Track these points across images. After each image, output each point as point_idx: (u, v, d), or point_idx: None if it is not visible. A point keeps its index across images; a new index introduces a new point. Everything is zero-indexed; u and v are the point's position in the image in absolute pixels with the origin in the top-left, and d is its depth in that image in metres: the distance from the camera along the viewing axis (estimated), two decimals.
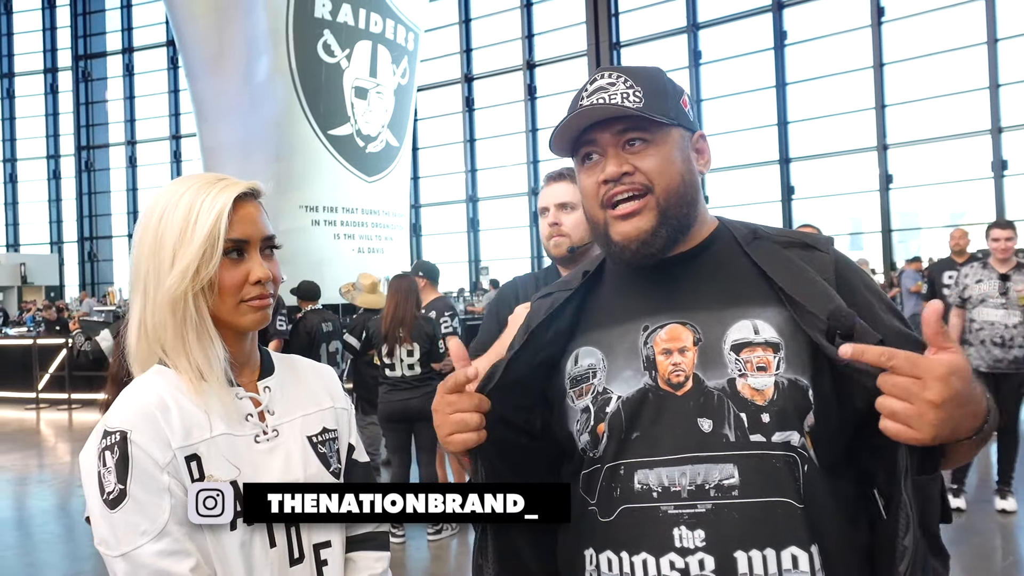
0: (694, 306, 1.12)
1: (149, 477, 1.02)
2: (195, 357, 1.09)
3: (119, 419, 1.05)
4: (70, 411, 10.47)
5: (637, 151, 1.11)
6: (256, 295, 1.13)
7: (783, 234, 1.17)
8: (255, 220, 1.15)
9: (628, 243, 1.12)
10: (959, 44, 15.67)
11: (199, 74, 13.10)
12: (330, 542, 1.18)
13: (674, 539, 1.03)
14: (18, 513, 5.83)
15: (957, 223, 14.98)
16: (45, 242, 28.04)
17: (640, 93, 1.11)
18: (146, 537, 1.00)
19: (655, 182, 1.11)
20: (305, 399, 1.24)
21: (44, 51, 27.60)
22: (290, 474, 1.14)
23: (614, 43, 19.93)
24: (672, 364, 1.10)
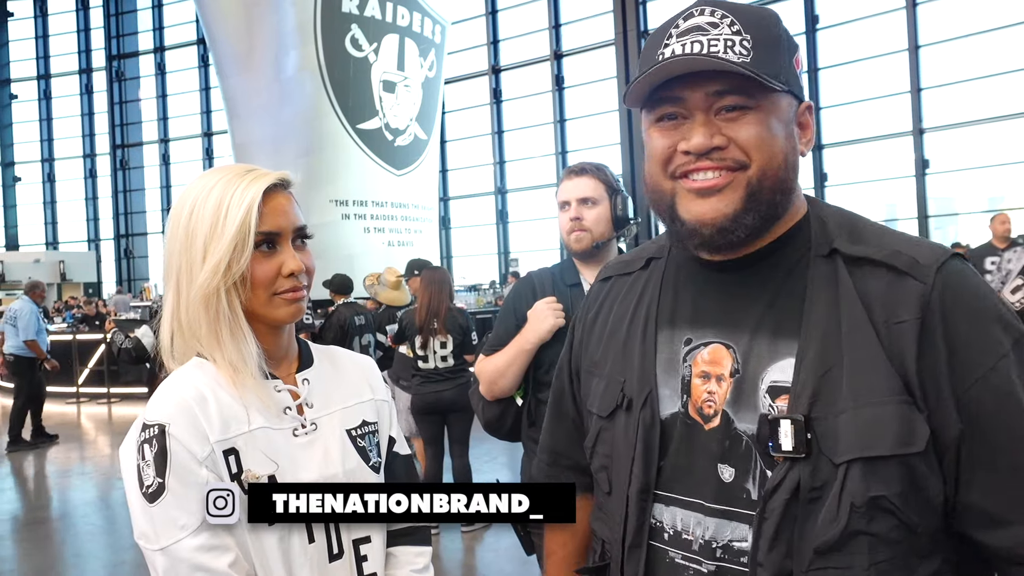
0: (742, 326, 0.92)
1: (187, 471, 1.01)
2: (229, 352, 1.09)
3: (158, 413, 1.05)
4: (109, 404, 10.67)
5: (734, 118, 0.88)
6: (289, 287, 1.11)
7: (872, 247, 0.88)
8: (286, 211, 1.14)
9: (702, 226, 0.90)
10: (996, 24, 15.28)
11: (229, 71, 13.24)
12: (369, 537, 1.16)
13: None
14: (61, 505, 5.96)
15: (996, 208, 14.65)
16: (83, 240, 28.62)
17: (748, 43, 0.86)
18: (185, 531, 1.00)
19: (752, 158, 0.88)
20: (345, 391, 1.22)
21: (79, 52, 28.10)
22: (328, 468, 1.12)
23: (642, 32, 19.74)
24: (707, 392, 0.93)
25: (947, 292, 0.83)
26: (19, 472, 7.02)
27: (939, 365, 0.81)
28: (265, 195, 1.12)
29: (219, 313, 1.08)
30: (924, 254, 0.86)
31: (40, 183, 29.00)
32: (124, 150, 27.19)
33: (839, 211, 0.98)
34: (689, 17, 0.90)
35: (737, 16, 0.88)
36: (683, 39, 0.88)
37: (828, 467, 0.82)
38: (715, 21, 0.88)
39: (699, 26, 0.88)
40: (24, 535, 5.13)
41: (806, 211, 0.97)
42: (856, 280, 0.86)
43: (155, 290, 19.00)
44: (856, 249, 0.88)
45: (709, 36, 0.87)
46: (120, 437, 5.00)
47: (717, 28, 0.87)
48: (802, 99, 0.95)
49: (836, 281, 0.87)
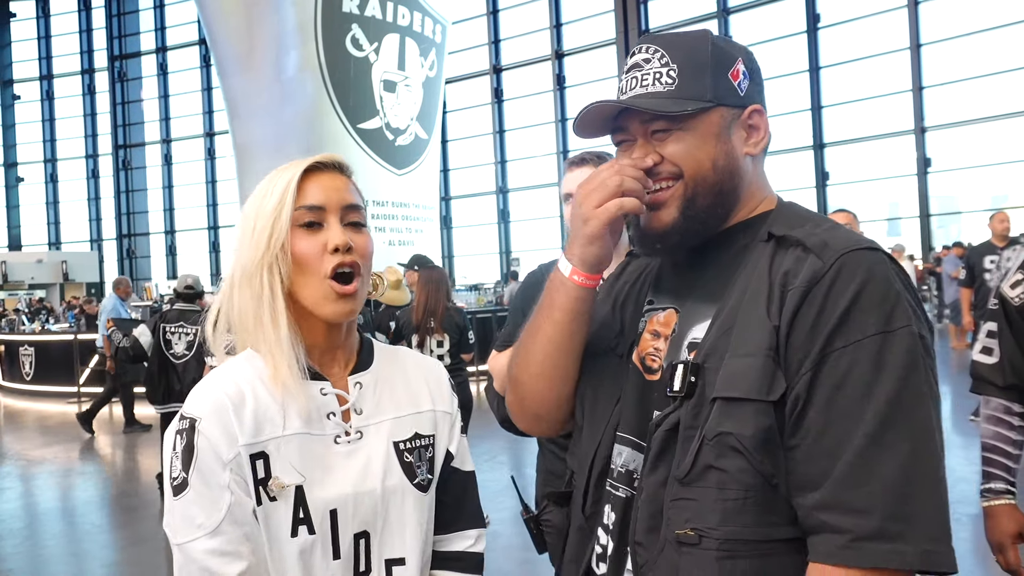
0: (688, 294, 1.06)
1: (210, 471, 0.98)
2: (269, 338, 1.03)
3: (193, 406, 1.02)
4: (110, 404, 10.69)
5: (663, 139, 1.02)
6: (337, 264, 1.03)
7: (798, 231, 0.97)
8: (336, 188, 1.08)
9: (649, 232, 1.05)
10: (998, 23, 15.25)
11: (230, 71, 13.26)
12: (404, 560, 1.07)
13: (603, 515, 1.06)
14: (62, 504, 5.97)
15: (999, 207, 14.62)
16: (85, 240, 28.68)
17: (674, 72, 1.01)
18: (201, 531, 0.98)
19: (683, 167, 1.01)
20: (401, 399, 1.14)
21: (81, 52, 28.17)
22: (366, 482, 1.05)
23: (643, 30, 19.73)
24: (654, 347, 1.06)
25: (840, 273, 0.89)
26: (19, 472, 7.04)
27: (803, 331, 0.88)
28: (313, 172, 1.08)
29: (261, 293, 1.03)
30: (839, 241, 0.92)
31: (43, 183, 29.08)
32: (126, 150, 27.24)
33: (803, 210, 1.07)
34: (633, 55, 1.06)
35: (667, 49, 1.03)
36: (626, 76, 1.05)
37: (705, 409, 0.92)
38: (648, 57, 1.03)
39: (636, 64, 1.05)
40: (24, 534, 5.14)
41: (771, 207, 1.07)
42: (775, 257, 0.96)
43: (156, 290, 19.01)
44: (785, 231, 0.97)
45: (642, 72, 1.03)
46: (120, 436, 5.01)
47: (649, 63, 1.03)
48: (745, 105, 1.04)
49: (764, 260, 0.97)
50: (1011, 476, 1.77)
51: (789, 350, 0.89)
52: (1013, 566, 1.71)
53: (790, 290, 0.91)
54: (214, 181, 25.95)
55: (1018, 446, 1.78)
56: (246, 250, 1.05)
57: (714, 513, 0.89)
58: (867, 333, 0.86)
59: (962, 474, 5.24)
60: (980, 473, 1.82)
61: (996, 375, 1.78)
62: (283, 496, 1.00)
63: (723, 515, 0.88)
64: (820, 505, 0.85)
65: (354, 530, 1.04)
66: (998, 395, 1.78)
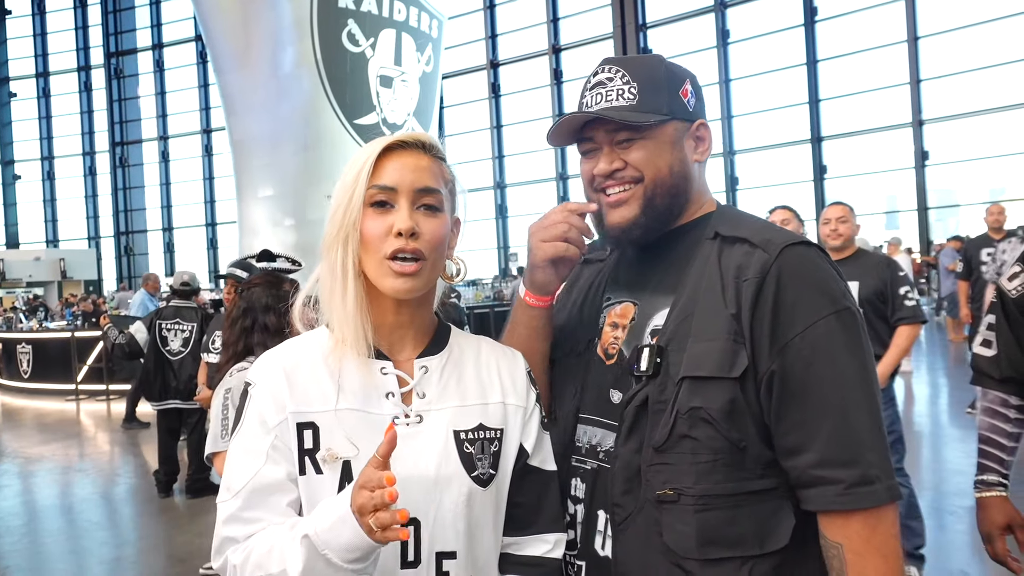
0: (644, 287, 1.21)
1: (252, 435, 1.02)
2: (339, 313, 1.04)
3: (255, 371, 1.08)
4: (108, 401, 10.69)
5: (626, 147, 1.17)
6: (397, 248, 1.02)
7: (741, 231, 1.13)
8: (412, 168, 1.06)
9: (613, 229, 1.20)
10: (996, 15, 15.23)
11: (226, 68, 13.21)
12: (455, 553, 1.03)
13: (571, 487, 1.20)
14: (61, 501, 5.97)
15: (996, 199, 14.62)
16: (83, 237, 28.65)
17: (635, 89, 1.16)
18: (228, 494, 1.02)
19: (644, 172, 1.16)
20: (469, 388, 1.11)
21: (77, 49, 28.09)
22: (419, 467, 1.02)
23: (640, 25, 19.69)
24: (613, 337, 1.21)
25: (784, 265, 1.06)
26: (18, 469, 7.04)
27: (766, 318, 1.05)
28: (394, 150, 1.06)
29: (334, 268, 1.05)
30: (778, 237, 1.10)
31: (40, 181, 29.03)
32: (123, 147, 27.19)
33: (739, 212, 1.24)
34: (596, 75, 1.20)
35: (627, 69, 1.17)
36: (590, 93, 1.19)
37: (671, 386, 1.07)
38: (611, 76, 1.18)
39: (601, 81, 1.19)
40: (22, 531, 5.14)
41: (712, 209, 1.23)
42: (723, 253, 1.13)
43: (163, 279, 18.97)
44: (731, 232, 1.14)
45: (607, 88, 1.17)
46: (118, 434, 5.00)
47: (612, 81, 1.17)
48: (692, 119, 1.20)
49: (712, 255, 1.13)
50: (1004, 468, 1.78)
51: (755, 335, 1.05)
52: (1000, 556, 1.73)
53: (744, 281, 1.07)
54: (211, 178, 25.92)
55: (1013, 438, 1.78)
56: (328, 224, 1.07)
57: (689, 475, 1.05)
58: (821, 315, 1.04)
59: (958, 467, 5.25)
60: (976, 465, 1.83)
61: (993, 368, 1.79)
62: (330, 469, 1.00)
63: (697, 476, 1.04)
64: (814, 464, 1.02)
65: None
66: (995, 388, 1.79)
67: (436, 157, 1.09)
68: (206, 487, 5.84)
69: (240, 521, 1.01)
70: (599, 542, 1.14)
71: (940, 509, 4.44)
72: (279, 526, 0.99)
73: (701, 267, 1.14)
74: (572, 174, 20.93)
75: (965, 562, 3.80)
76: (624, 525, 1.10)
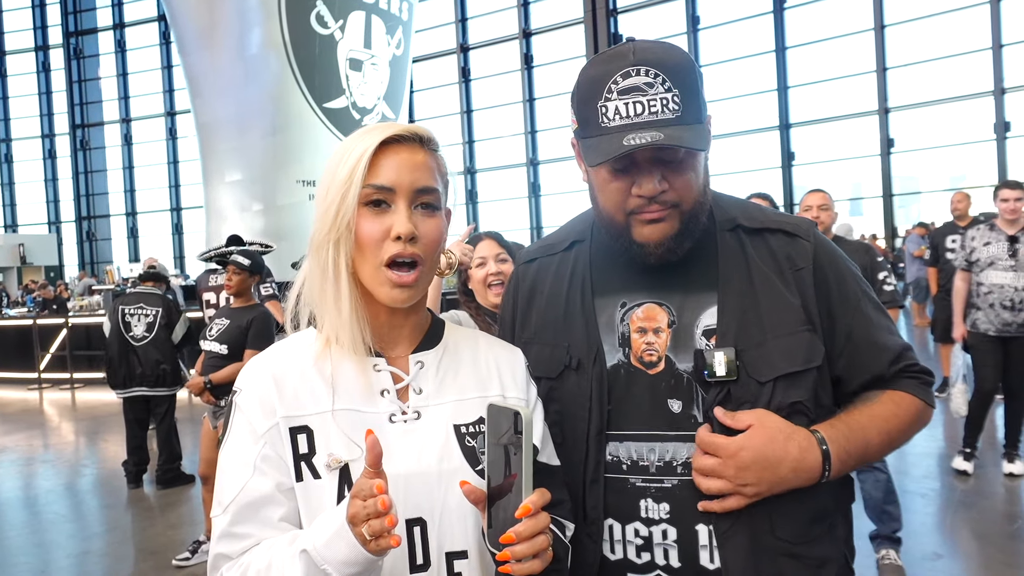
0: (672, 287, 1.16)
1: (241, 445, 0.98)
2: (332, 315, 1.00)
3: (242, 377, 1.02)
4: (72, 390, 10.47)
5: (673, 167, 1.09)
6: (396, 254, 0.97)
7: (766, 220, 1.18)
8: (410, 165, 0.99)
9: (654, 248, 1.12)
10: (961, 4, 15.45)
11: (191, 48, 12.91)
12: (466, 552, 0.99)
13: (640, 510, 1.12)
14: (24, 493, 5.84)
15: (957, 187, 14.89)
16: (43, 222, 27.95)
17: (679, 98, 1.05)
18: (219, 508, 0.97)
19: (683, 200, 1.11)
20: (467, 382, 1.07)
21: (34, 28, 27.26)
22: (420, 463, 0.98)
23: (611, 10, 19.65)
24: (646, 343, 1.15)
25: (820, 249, 1.17)
26: None
27: (832, 295, 1.15)
28: (389, 145, 1.00)
29: (325, 268, 0.99)
30: (801, 223, 1.19)
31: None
32: (84, 130, 26.52)
33: (730, 198, 1.25)
34: (627, 76, 1.05)
35: (666, 73, 1.05)
36: (624, 99, 1.05)
37: (754, 386, 1.08)
38: (650, 81, 1.04)
39: (638, 87, 1.04)
40: None
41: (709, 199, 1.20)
42: (757, 245, 1.16)
43: (117, 273, 18.61)
44: (755, 223, 1.17)
45: (648, 96, 1.04)
46: (83, 423, 4.87)
47: (653, 88, 1.04)
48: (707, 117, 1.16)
49: (742, 247, 1.16)
50: None
51: (822, 316, 1.13)
52: None
53: (799, 270, 1.14)
54: (176, 161, 25.42)
55: None
56: (317, 221, 1.01)
57: None
58: (861, 284, 1.20)
59: (926, 449, 5.35)
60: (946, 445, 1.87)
61: None
62: (329, 474, 0.95)
63: None
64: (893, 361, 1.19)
65: (406, 515, 0.96)
66: None
67: (433, 151, 1.04)
68: (176, 477, 5.75)
69: (231, 537, 0.96)
70: (705, 557, 1.10)
71: (910, 492, 4.52)
72: (278, 540, 0.94)
73: (734, 260, 1.15)
74: (543, 159, 20.89)
75: (938, 543, 3.88)
76: (730, 532, 1.08)
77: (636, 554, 1.13)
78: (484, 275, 2.45)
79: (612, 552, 1.14)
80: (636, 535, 1.12)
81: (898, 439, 1.16)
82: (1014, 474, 4.71)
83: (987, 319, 4.67)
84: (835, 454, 1.07)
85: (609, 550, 1.14)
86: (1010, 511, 4.29)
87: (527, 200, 21.22)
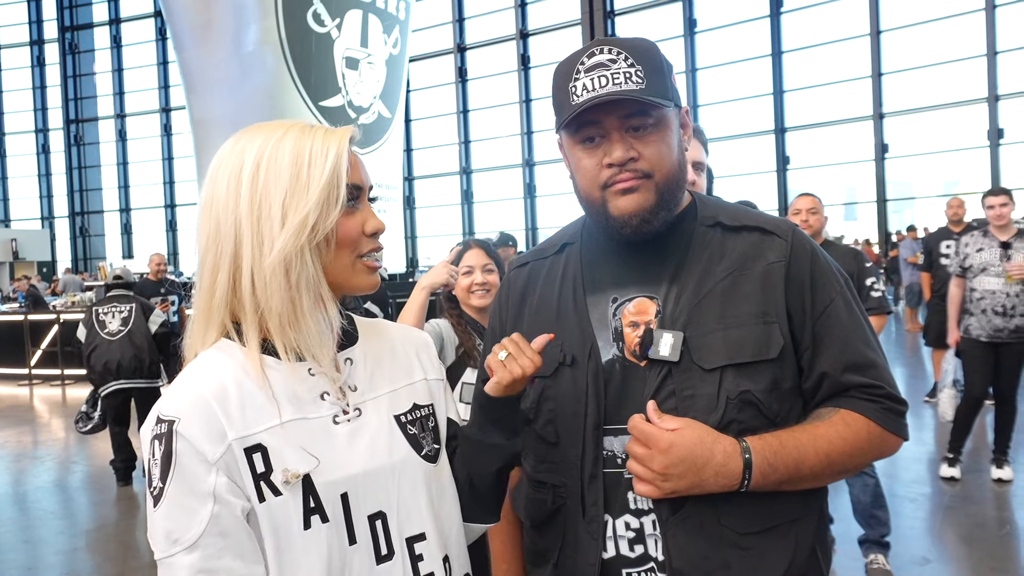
0: (660, 280, 1.18)
1: (192, 477, 0.89)
2: (308, 325, 0.96)
3: (170, 406, 0.92)
4: (63, 387, 10.43)
5: (641, 135, 1.11)
6: (371, 248, 1.01)
7: (746, 219, 1.19)
8: (364, 166, 1.04)
9: (628, 219, 1.13)
10: (957, 11, 15.52)
11: (187, 44, 12.86)
12: (424, 535, 1.02)
13: (629, 501, 1.14)
14: (14, 489, 5.81)
15: (951, 192, 14.94)
16: (36, 217, 27.84)
17: (642, 73, 1.09)
18: (178, 547, 0.89)
19: (656, 169, 1.12)
20: (394, 371, 1.09)
21: (29, 23, 27.17)
22: (374, 459, 0.99)
23: (608, 12, 19.68)
24: (637, 337, 1.16)
25: (798, 247, 1.16)
26: None
27: (804, 292, 1.14)
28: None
29: (301, 278, 0.95)
30: (781, 223, 1.19)
31: None
32: (78, 125, 26.44)
33: (717, 199, 1.27)
34: (592, 55, 1.11)
35: (629, 51, 1.10)
36: (591, 75, 1.10)
37: (698, 372, 1.09)
38: (613, 58, 1.10)
39: (602, 63, 1.10)
40: None
41: (691, 199, 1.24)
42: (733, 241, 1.17)
43: (110, 269, 18.53)
44: (735, 222, 1.18)
45: (611, 71, 1.09)
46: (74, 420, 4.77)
47: (616, 63, 1.09)
48: (680, 106, 1.19)
49: (717, 241, 1.17)
50: None
51: (792, 309, 1.13)
52: None
53: (773, 263, 1.14)
54: (171, 158, 25.36)
55: None
56: (280, 235, 0.94)
57: None
58: (839, 283, 1.17)
59: (915, 454, 5.37)
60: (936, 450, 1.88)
61: None
62: (290, 489, 0.92)
63: None
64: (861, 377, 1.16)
65: (367, 512, 0.98)
66: None
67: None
68: None
69: (207, 573, 0.88)
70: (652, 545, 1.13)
71: (899, 496, 4.53)
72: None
73: (708, 254, 1.16)
74: (539, 160, 20.90)
75: (927, 548, 3.89)
76: (675, 519, 1.10)
77: (629, 548, 1.13)
78: (469, 283, 2.53)
79: (605, 550, 1.14)
80: (627, 528, 1.14)
81: (841, 462, 1.11)
82: (1003, 479, 4.72)
83: (979, 325, 4.68)
84: (757, 465, 1.06)
85: (602, 548, 1.14)
86: (999, 516, 4.31)
87: (523, 201, 21.23)
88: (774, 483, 1.07)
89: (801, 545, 1.12)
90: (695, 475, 1.05)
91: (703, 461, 1.05)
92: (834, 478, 1.15)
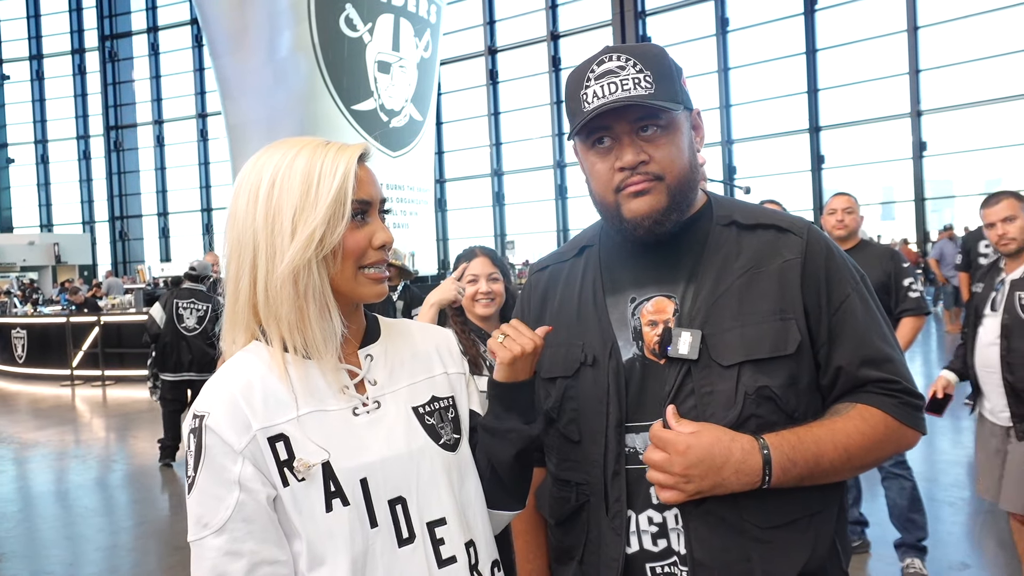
0: (676, 279, 1.20)
1: (218, 467, 0.98)
2: (314, 331, 1.03)
3: (202, 402, 1.02)
4: (104, 387, 10.66)
5: (651, 138, 1.15)
6: (377, 260, 1.07)
7: (761, 217, 1.22)
8: (374, 181, 1.09)
9: (641, 220, 1.16)
10: (996, 5, 15.18)
11: (222, 51, 13.11)
12: (445, 519, 1.08)
13: (652, 496, 1.15)
14: (56, 487, 5.95)
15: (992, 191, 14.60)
16: (77, 222, 28.50)
17: (650, 78, 1.13)
18: (208, 530, 0.98)
19: (667, 171, 1.15)
20: (414, 367, 1.16)
21: (71, 32, 27.85)
22: (392, 447, 1.06)
23: (639, 12, 19.59)
24: (656, 335, 1.18)
25: (813, 243, 1.18)
26: (13, 455, 7.01)
27: (820, 288, 1.16)
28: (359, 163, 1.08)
29: (308, 288, 1.02)
30: (796, 220, 1.22)
31: (33, 165, 28.83)
32: (118, 131, 27.01)
33: (730, 199, 1.30)
34: (601, 63, 1.15)
35: (637, 58, 1.14)
36: (600, 82, 1.14)
37: (717, 369, 1.12)
38: (622, 65, 1.14)
39: (611, 70, 1.14)
40: (18, 518, 5.12)
41: (707, 199, 1.27)
42: (748, 239, 1.19)
43: (148, 273, 18.90)
44: (750, 220, 1.21)
45: (620, 78, 1.13)
46: (114, 419, 4.96)
47: (624, 70, 1.13)
48: (691, 108, 1.21)
49: (733, 240, 1.19)
50: None
51: (809, 305, 1.15)
52: None
53: (788, 260, 1.16)
54: (207, 163, 25.79)
55: None
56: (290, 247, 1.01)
57: None
58: (854, 284, 1.19)
59: (955, 458, 5.26)
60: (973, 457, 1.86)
61: None
62: (311, 475, 0.99)
63: None
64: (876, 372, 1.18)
65: (387, 496, 1.04)
66: None
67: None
68: None
69: (234, 555, 0.97)
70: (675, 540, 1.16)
71: (939, 500, 4.44)
72: None
73: (724, 252, 1.18)
74: (571, 162, 20.87)
75: (966, 553, 3.81)
76: (697, 512, 1.12)
77: (652, 542, 1.16)
78: (474, 292, 2.55)
79: (629, 545, 1.16)
80: (650, 523, 1.16)
81: (859, 456, 1.12)
82: None
83: None
84: (776, 460, 1.07)
85: (625, 543, 1.17)
86: None
87: (554, 202, 21.22)
88: (795, 478, 1.08)
89: (821, 538, 1.13)
90: (716, 474, 1.06)
91: (722, 460, 1.06)
92: (853, 472, 1.16)
